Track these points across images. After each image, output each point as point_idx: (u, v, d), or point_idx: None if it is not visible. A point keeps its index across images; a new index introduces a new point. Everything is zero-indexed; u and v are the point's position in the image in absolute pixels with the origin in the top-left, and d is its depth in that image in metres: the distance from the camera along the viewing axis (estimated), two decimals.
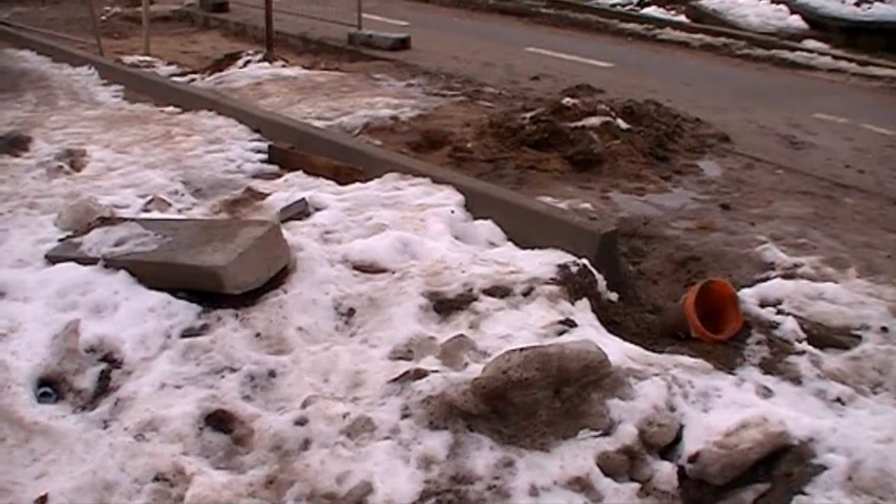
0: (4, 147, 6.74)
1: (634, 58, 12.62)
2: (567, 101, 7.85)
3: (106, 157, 6.54)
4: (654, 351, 3.98)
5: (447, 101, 8.98)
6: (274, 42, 11.34)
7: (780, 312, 4.43)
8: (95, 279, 4.29)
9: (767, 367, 3.97)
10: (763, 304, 4.50)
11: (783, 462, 3.20)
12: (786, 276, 4.94)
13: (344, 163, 6.18)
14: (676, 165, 7.29)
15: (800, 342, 4.17)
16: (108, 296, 4.18)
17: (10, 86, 9.55)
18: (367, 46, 12.29)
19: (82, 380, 3.72)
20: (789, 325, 4.27)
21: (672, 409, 3.40)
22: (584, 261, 4.55)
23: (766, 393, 3.68)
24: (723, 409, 3.44)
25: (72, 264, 4.46)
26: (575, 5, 16.45)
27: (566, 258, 4.54)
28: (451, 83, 9.92)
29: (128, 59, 10.99)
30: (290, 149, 6.60)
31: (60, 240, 4.92)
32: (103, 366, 3.79)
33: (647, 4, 16.36)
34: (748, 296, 4.54)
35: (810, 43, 13.70)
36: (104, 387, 3.70)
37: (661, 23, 15.09)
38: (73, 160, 6.51)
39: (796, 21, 14.64)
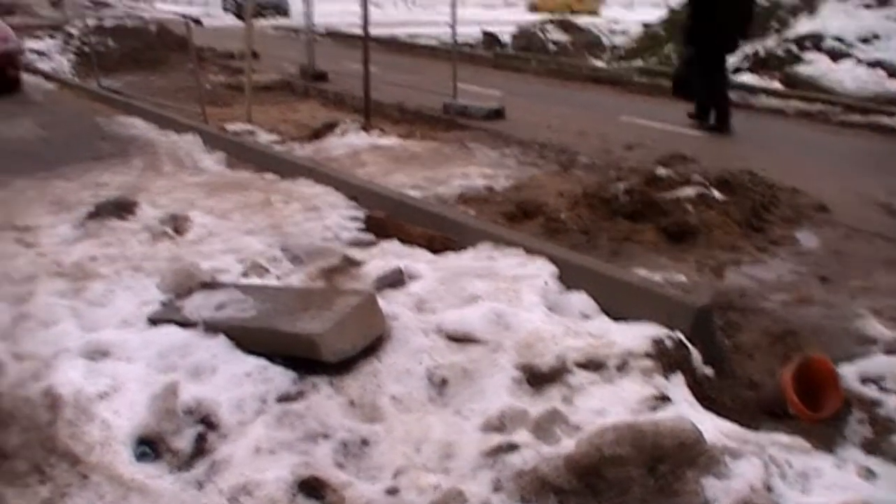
0: (112, 210, 6.96)
1: None
2: (661, 171, 7.82)
3: (208, 223, 6.71)
4: (750, 428, 3.90)
5: (541, 170, 9.02)
6: (371, 111, 11.56)
7: (882, 389, 4.30)
8: (195, 342, 4.41)
9: (870, 448, 3.85)
10: (864, 381, 4.38)
11: None
12: (888, 352, 4.79)
13: (439, 232, 6.25)
14: (773, 236, 7.17)
15: None
16: (207, 359, 4.28)
17: (119, 151, 9.93)
18: (462, 116, 12.42)
19: (180, 440, 3.80)
20: (893, 403, 4.14)
21: (769, 489, 3.31)
22: (679, 334, 4.50)
23: (869, 475, 3.57)
24: (823, 490, 3.35)
25: (173, 327, 4.60)
26: (668, 73, 16.40)
27: (661, 331, 4.49)
28: (544, 153, 9.96)
29: (230, 126, 11.34)
30: (386, 217, 6.70)
31: (163, 303, 5.06)
32: (200, 428, 3.87)
33: (740, 70, 16.27)
34: (848, 372, 4.42)
35: None
36: (200, 448, 3.77)
37: (754, 90, 14.98)
38: (177, 225, 6.67)
39: (895, 85, 14.38)
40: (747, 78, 15.84)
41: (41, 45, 21.38)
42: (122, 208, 7.01)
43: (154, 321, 4.78)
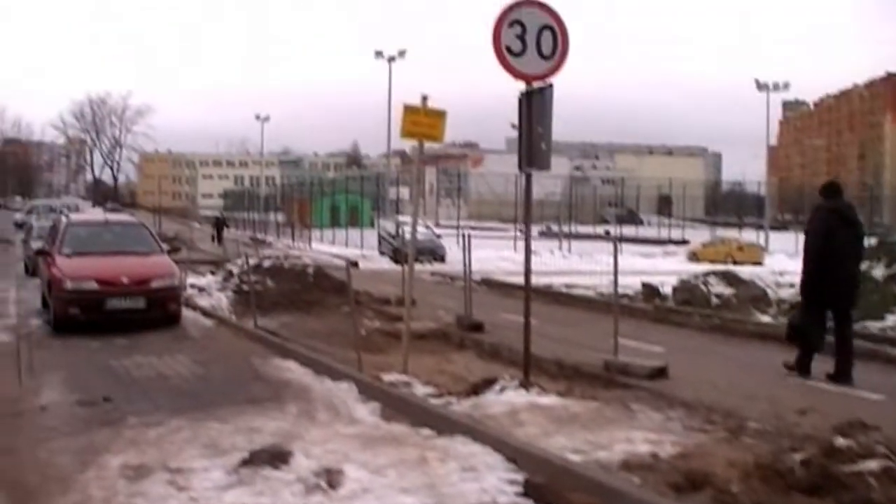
0: (266, 459, 7.03)
1: None
2: (839, 440, 7.32)
3: (362, 478, 6.67)
4: None
5: (708, 436, 8.56)
6: (529, 366, 11.39)
7: None
8: None
9: None
10: None
11: None
12: None
13: (601, 501, 5.97)
14: None
15: None
16: None
17: (274, 395, 10.12)
18: (623, 374, 12.06)
19: None
20: None
21: None
22: None
23: None
24: None
25: None
26: None
27: None
28: (711, 416, 9.48)
29: (386, 376, 11.37)
30: (546, 483, 6.49)
31: None
32: None
33: None
34: None
35: None
36: None
37: None
38: (330, 478, 6.68)
39: None
40: None
41: (202, 280, 22.48)
42: (276, 457, 7.11)
43: None
